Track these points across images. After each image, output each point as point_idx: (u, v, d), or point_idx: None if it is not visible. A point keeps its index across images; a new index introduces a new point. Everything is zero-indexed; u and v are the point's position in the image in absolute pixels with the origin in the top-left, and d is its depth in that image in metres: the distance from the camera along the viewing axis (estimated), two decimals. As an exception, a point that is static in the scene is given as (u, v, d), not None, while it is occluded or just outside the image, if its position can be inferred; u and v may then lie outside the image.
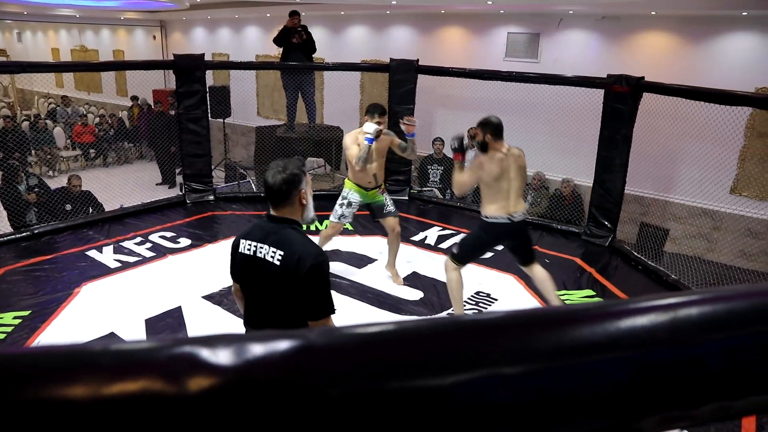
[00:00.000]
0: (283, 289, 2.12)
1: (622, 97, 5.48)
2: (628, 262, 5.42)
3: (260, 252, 2.14)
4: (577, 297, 4.73)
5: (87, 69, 15.24)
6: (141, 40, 16.13)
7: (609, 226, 5.81)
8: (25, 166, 6.87)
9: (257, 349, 0.38)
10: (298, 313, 2.13)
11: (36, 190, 6.64)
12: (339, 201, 4.63)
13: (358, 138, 4.38)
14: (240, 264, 2.23)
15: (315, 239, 4.62)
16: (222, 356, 0.37)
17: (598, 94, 5.69)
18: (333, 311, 2.14)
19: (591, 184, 5.97)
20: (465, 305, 4.45)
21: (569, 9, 8.01)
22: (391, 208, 4.66)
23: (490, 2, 7.43)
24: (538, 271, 4.07)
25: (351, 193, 4.58)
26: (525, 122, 7.35)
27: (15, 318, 3.99)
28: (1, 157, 9.42)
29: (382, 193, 4.65)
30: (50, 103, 15.81)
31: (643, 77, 5.38)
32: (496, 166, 3.69)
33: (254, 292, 2.26)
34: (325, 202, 6.84)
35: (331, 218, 4.68)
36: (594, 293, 4.78)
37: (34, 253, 5.15)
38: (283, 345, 0.39)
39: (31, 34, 19.60)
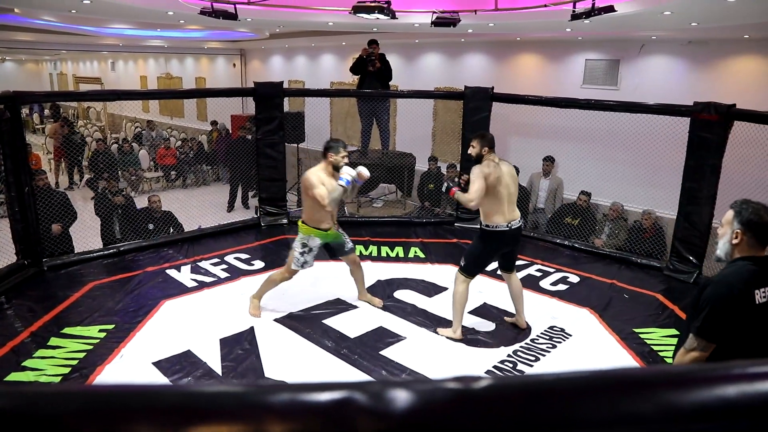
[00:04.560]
0: None
1: (710, 125, 5.22)
2: (716, 300, 5.08)
3: None
4: (659, 336, 4.47)
5: (176, 96, 16.12)
6: (222, 68, 16.93)
7: (694, 261, 5.50)
8: (114, 184, 7.24)
9: (416, 396, 0.37)
10: None
11: (123, 193, 7.01)
12: (299, 249, 4.37)
13: (321, 177, 4.18)
14: (753, 316, 2.09)
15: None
16: (385, 403, 0.36)
17: (683, 122, 5.45)
18: None
19: (674, 217, 5.69)
20: (538, 339, 4.32)
21: (652, 35, 7.77)
22: (350, 244, 4.62)
23: (568, 29, 7.31)
24: (515, 281, 4.39)
25: (310, 239, 4.36)
26: (603, 151, 7.16)
27: (100, 331, 4.18)
28: (93, 178, 10.07)
29: (338, 230, 4.52)
30: (137, 127, 16.80)
31: (734, 105, 5.11)
32: (494, 172, 3.93)
33: (764, 339, 2.17)
34: (396, 228, 6.87)
35: (294, 265, 4.40)
36: (677, 332, 4.49)
37: (119, 270, 5.40)
38: (442, 393, 0.37)
39: (123, 63, 20.98)
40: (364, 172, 4.24)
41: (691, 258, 5.52)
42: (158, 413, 0.34)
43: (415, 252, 6.08)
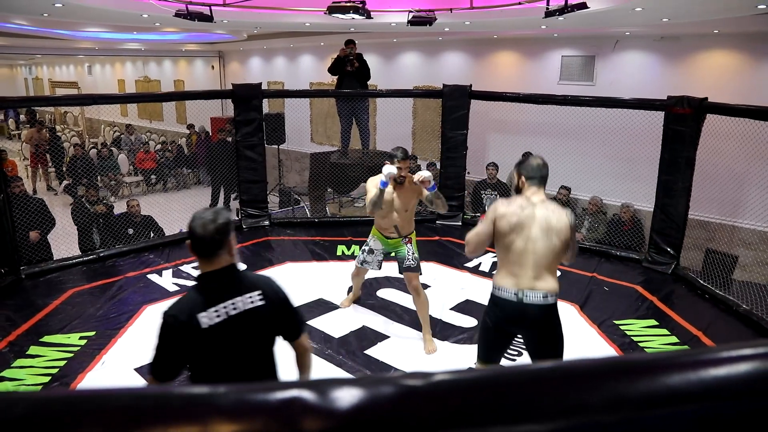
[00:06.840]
0: (270, 325, 2.09)
1: (683, 118, 5.31)
2: (693, 290, 5.19)
3: (234, 309, 1.99)
4: (638, 327, 4.54)
5: (153, 99, 16.04)
6: (200, 70, 16.80)
7: (672, 252, 5.59)
8: (95, 192, 7.18)
9: (362, 394, 0.38)
10: (273, 348, 2.13)
11: (104, 201, 6.94)
12: (363, 246, 4.52)
13: (376, 182, 4.12)
14: (205, 340, 1.96)
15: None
16: (331, 401, 0.37)
17: (658, 116, 5.53)
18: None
19: (651, 209, 5.78)
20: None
21: (626, 31, 7.87)
22: (410, 263, 4.15)
23: (544, 27, 7.38)
24: None
25: (373, 240, 4.42)
26: (581, 146, 7.24)
27: (81, 338, 4.14)
28: (71, 183, 9.94)
29: (406, 244, 4.24)
30: (115, 131, 16.61)
31: (706, 98, 5.20)
32: (513, 212, 2.77)
33: (233, 357, 2.03)
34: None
35: (355, 262, 4.64)
36: (657, 323, 4.58)
37: (99, 276, 5.35)
38: (387, 390, 0.39)
39: (100, 66, 20.73)
40: (425, 174, 4.01)
41: (668, 249, 5.60)
42: (106, 415, 0.35)
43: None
